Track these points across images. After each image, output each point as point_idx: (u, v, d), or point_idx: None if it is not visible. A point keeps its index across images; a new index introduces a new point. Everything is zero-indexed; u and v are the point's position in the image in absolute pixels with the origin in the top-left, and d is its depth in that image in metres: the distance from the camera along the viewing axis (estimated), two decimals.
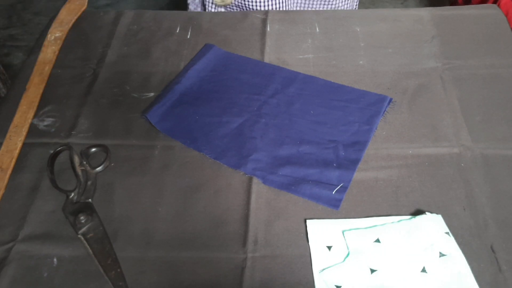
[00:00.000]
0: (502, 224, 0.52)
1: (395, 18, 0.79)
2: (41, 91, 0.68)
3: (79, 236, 0.52)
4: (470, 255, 0.49)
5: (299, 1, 0.96)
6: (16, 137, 0.62)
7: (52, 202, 0.56)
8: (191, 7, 0.99)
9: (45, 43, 0.76)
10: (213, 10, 0.93)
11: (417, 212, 0.54)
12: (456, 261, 0.49)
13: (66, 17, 0.81)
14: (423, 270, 0.48)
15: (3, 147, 0.61)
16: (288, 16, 0.81)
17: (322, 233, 0.52)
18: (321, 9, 0.95)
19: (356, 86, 0.68)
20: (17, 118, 0.64)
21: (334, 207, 0.54)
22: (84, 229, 0.52)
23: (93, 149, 0.61)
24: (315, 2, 0.96)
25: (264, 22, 0.80)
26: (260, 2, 0.89)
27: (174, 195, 0.56)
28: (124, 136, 0.63)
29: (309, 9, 0.96)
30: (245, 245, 0.51)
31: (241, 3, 0.91)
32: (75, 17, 0.81)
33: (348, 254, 0.50)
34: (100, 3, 2.20)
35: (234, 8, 0.94)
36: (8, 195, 0.57)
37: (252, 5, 0.90)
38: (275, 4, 0.91)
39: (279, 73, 0.71)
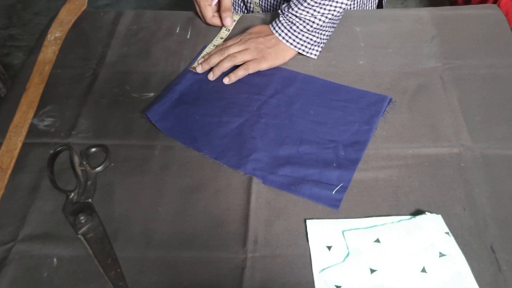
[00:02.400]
0: (502, 224, 0.52)
1: (395, 18, 0.79)
2: (41, 91, 0.68)
3: (79, 236, 0.52)
4: (470, 255, 0.49)
5: None
6: (16, 137, 0.62)
7: (52, 202, 0.56)
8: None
9: (45, 43, 0.76)
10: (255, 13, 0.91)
11: (417, 212, 0.54)
12: (456, 261, 0.49)
13: (66, 17, 0.81)
14: (423, 270, 0.48)
15: (3, 147, 0.61)
16: None
17: (322, 233, 0.52)
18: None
19: (356, 86, 0.68)
20: (17, 118, 0.64)
21: (334, 207, 0.54)
22: (84, 229, 0.52)
23: (93, 149, 0.61)
24: None
25: (264, 22, 0.79)
26: None
27: (174, 195, 0.56)
28: (124, 136, 0.63)
29: None
30: (245, 245, 0.51)
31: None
32: (75, 17, 0.81)
33: (348, 254, 0.50)
34: (100, 3, 2.21)
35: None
36: (8, 195, 0.57)
37: None
38: None
39: (279, 73, 0.70)
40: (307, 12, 0.67)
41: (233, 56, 0.69)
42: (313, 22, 0.68)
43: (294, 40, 0.69)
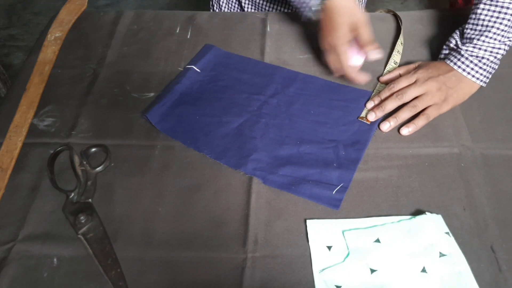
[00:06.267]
0: (502, 224, 0.52)
1: (395, 18, 0.79)
2: (41, 91, 0.68)
3: (79, 236, 0.52)
4: (470, 255, 0.49)
5: None
6: (16, 137, 0.62)
7: (52, 202, 0.56)
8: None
9: (45, 43, 0.76)
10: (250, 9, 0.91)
11: (417, 212, 0.54)
12: (456, 261, 0.49)
13: (66, 17, 0.81)
14: (423, 270, 0.48)
15: (3, 147, 0.61)
16: (288, 16, 0.81)
17: (322, 233, 0.52)
18: None
19: (356, 86, 0.68)
20: (17, 118, 0.64)
21: (334, 207, 0.54)
22: (84, 229, 0.52)
23: (93, 149, 0.61)
24: None
25: (264, 22, 0.80)
26: None
27: (174, 195, 0.56)
28: (124, 136, 0.63)
29: None
30: (245, 245, 0.51)
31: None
32: (75, 17, 0.81)
33: (348, 254, 0.50)
34: (100, 3, 2.21)
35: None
36: (8, 195, 0.57)
37: None
38: None
39: (279, 73, 0.71)
40: (499, 40, 0.62)
41: (413, 106, 0.61)
42: (501, 49, 0.63)
43: (481, 74, 0.63)
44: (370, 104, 0.64)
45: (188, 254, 0.51)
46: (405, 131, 0.61)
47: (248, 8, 0.91)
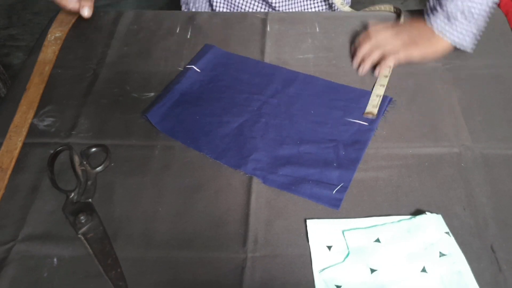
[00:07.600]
0: (502, 224, 0.52)
1: (395, 18, 0.79)
2: (41, 91, 0.68)
3: (79, 236, 0.52)
4: (470, 255, 0.49)
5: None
6: (16, 137, 0.62)
7: (52, 202, 0.56)
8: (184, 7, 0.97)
9: (45, 43, 0.76)
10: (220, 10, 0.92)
11: (417, 212, 0.54)
12: (456, 261, 0.49)
13: (66, 17, 0.81)
14: (423, 270, 0.48)
15: (3, 147, 0.61)
16: (288, 16, 0.81)
17: (322, 233, 0.52)
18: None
19: (356, 86, 0.68)
20: (17, 118, 0.64)
21: (334, 207, 0.54)
22: (84, 229, 0.52)
23: (93, 149, 0.61)
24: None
25: (264, 22, 0.80)
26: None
27: (174, 195, 0.56)
28: (124, 136, 0.63)
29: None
30: (245, 245, 0.51)
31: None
32: (75, 17, 0.81)
33: (348, 254, 0.50)
34: (100, 3, 2.20)
35: None
36: (8, 195, 0.57)
37: None
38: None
39: (279, 73, 0.70)
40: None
41: (382, 45, 0.67)
42: (475, 9, 0.64)
43: (451, 34, 0.66)
44: (355, 64, 0.71)
45: (188, 254, 0.51)
46: (375, 71, 0.68)
47: (218, 7, 0.91)
